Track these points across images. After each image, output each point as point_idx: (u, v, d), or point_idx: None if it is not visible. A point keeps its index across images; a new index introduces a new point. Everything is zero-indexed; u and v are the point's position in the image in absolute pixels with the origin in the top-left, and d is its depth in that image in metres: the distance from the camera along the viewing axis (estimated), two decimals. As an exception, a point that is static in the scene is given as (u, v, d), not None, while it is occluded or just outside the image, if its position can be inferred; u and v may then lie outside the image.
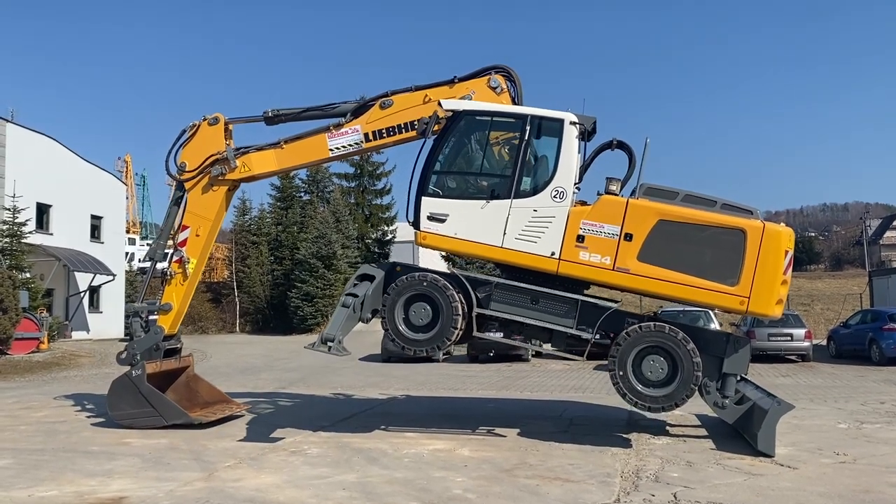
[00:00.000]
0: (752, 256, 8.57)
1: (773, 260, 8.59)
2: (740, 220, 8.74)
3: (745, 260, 8.59)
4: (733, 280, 8.64)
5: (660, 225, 8.80)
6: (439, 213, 9.35)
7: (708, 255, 8.85)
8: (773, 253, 8.59)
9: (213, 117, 10.87)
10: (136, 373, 10.27)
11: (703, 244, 8.86)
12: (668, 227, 8.81)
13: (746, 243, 8.60)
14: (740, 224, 8.70)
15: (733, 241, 8.66)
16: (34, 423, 10.94)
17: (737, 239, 8.65)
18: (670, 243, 8.82)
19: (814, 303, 40.71)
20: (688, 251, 8.85)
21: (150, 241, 75.16)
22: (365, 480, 7.30)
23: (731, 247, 8.67)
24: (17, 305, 22.51)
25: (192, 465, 8.06)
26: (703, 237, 8.85)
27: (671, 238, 8.82)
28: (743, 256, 8.60)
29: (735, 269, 8.63)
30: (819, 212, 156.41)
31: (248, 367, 22.28)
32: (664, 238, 8.80)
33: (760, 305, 8.66)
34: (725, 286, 8.66)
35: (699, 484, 7.14)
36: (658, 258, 8.78)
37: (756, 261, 8.55)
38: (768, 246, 8.57)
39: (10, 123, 30.71)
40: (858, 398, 13.59)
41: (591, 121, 9.63)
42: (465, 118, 9.51)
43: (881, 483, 7.12)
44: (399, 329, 9.33)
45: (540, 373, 19.78)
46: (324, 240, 40.98)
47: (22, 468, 7.91)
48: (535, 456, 8.44)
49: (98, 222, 36.79)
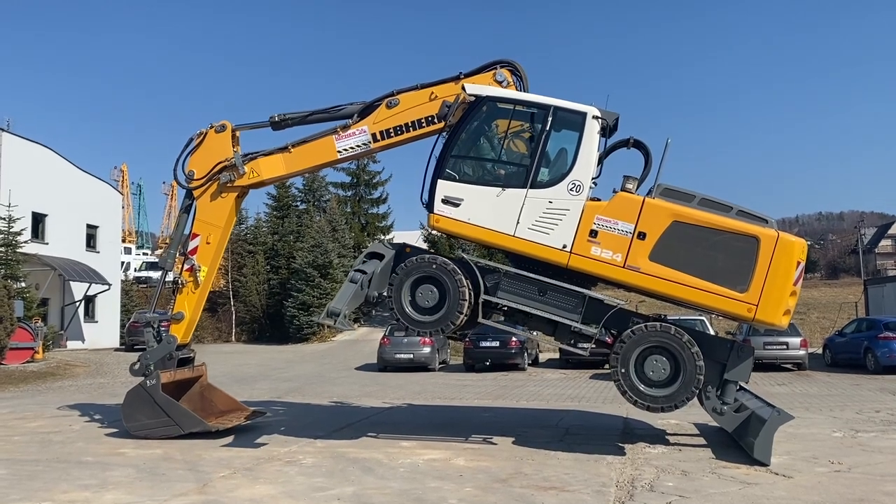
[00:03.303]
0: (764, 265, 8.58)
1: (784, 270, 8.60)
2: (755, 228, 8.74)
3: (756, 267, 8.60)
4: (743, 287, 8.64)
5: (674, 226, 8.82)
6: (454, 197, 9.35)
7: (720, 259, 8.85)
8: (784, 263, 8.60)
9: (220, 125, 10.88)
10: (150, 383, 10.21)
11: (716, 248, 8.87)
12: (682, 229, 8.82)
13: (759, 251, 8.61)
14: (754, 231, 8.70)
15: (746, 248, 8.68)
16: (28, 434, 10.89)
17: (750, 246, 8.66)
18: (683, 245, 8.82)
19: (809, 311, 40.77)
20: (700, 254, 8.86)
21: (146, 250, 75.22)
22: (360, 491, 7.28)
23: (743, 253, 8.69)
24: (12, 315, 22.46)
25: (187, 475, 8.03)
26: (716, 241, 8.85)
27: (684, 240, 8.83)
28: (755, 264, 8.60)
29: (746, 276, 8.64)
30: (814, 220, 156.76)
31: (243, 376, 22.24)
32: (677, 239, 8.81)
33: (768, 314, 8.66)
34: (735, 292, 8.67)
35: (694, 493, 7.14)
36: (669, 259, 8.79)
37: (767, 269, 8.56)
38: (780, 255, 8.59)
39: (6, 133, 30.70)
40: (854, 407, 13.62)
41: (614, 117, 9.59)
42: (488, 104, 9.49)
43: (876, 492, 7.12)
44: (405, 310, 9.34)
45: (536, 382, 19.78)
46: (320, 249, 40.94)
47: (16, 479, 7.86)
48: (530, 465, 8.44)
49: (94, 232, 36.79)
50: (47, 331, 28.08)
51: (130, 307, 39.82)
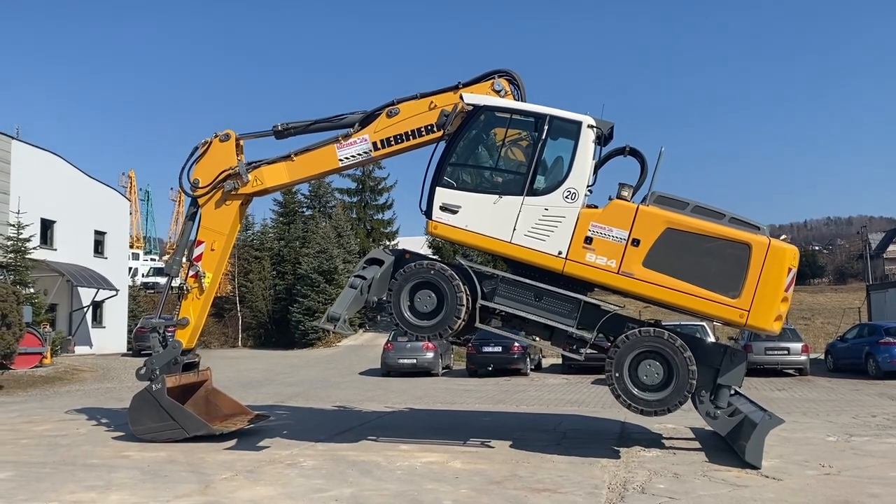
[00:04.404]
0: (756, 271, 8.74)
1: (775, 276, 8.76)
2: (746, 235, 8.90)
3: (748, 274, 8.76)
4: (735, 293, 8.80)
5: (667, 233, 8.98)
6: (452, 205, 9.54)
7: (712, 266, 8.99)
8: (776, 269, 8.76)
9: (225, 134, 11.08)
10: (156, 387, 10.41)
11: (709, 255, 9.02)
12: (676, 236, 8.98)
13: (751, 258, 8.77)
14: (746, 238, 8.86)
15: (738, 255, 8.83)
16: (36, 437, 11.11)
17: (742, 253, 8.82)
18: (676, 252, 8.98)
19: (814, 316, 40.81)
20: (693, 261, 9.00)
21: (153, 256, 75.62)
22: (358, 493, 7.45)
23: (735, 260, 8.85)
24: (21, 320, 22.68)
25: (190, 477, 8.23)
26: (708, 248, 9.00)
27: (677, 246, 8.99)
28: (746, 270, 8.77)
29: (738, 282, 8.80)
30: (823, 225, 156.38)
31: (248, 381, 22.43)
32: (670, 246, 8.97)
33: (759, 320, 8.83)
34: (727, 298, 8.83)
35: (684, 495, 7.29)
36: (663, 265, 8.96)
37: (759, 276, 8.73)
38: (772, 262, 8.75)
39: (15, 140, 31.04)
40: (851, 411, 13.72)
41: (609, 126, 9.79)
42: (486, 113, 9.69)
43: (861, 494, 7.26)
44: (404, 314, 9.53)
45: (538, 387, 19.91)
46: (325, 255, 41.21)
47: (24, 480, 8.08)
48: (525, 468, 8.60)
49: (101, 238, 37.10)
50: (55, 336, 28.40)
51: (138, 313, 40.10)
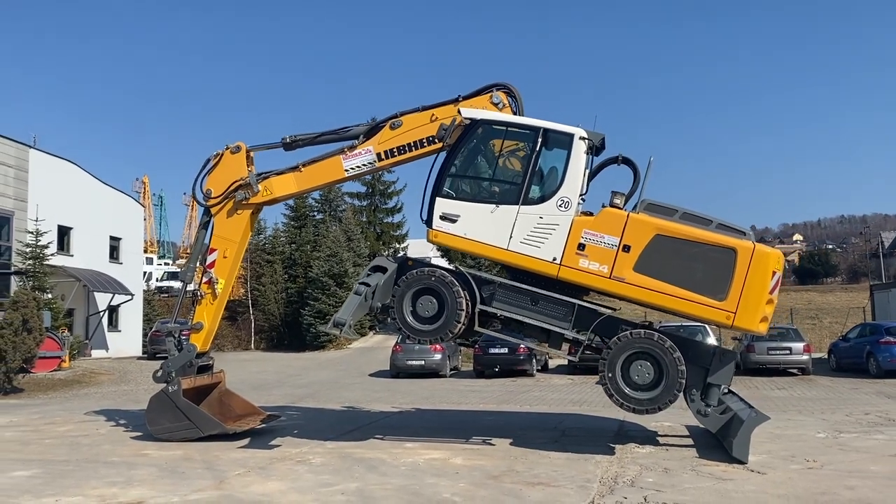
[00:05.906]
0: (741, 275, 9.14)
1: (760, 279, 9.16)
2: (732, 240, 9.31)
3: (734, 277, 9.16)
4: (722, 296, 9.21)
5: (656, 239, 9.39)
6: (451, 214, 9.99)
7: (699, 270, 9.38)
8: (760, 273, 9.16)
9: (236, 146, 11.56)
10: (172, 389, 10.88)
11: (696, 260, 9.41)
12: (664, 242, 9.38)
13: (736, 262, 9.17)
14: (732, 243, 9.27)
15: (724, 259, 9.23)
16: (58, 437, 11.60)
17: (727, 257, 9.22)
18: (665, 257, 9.38)
19: (822, 316, 40.96)
20: (681, 265, 9.39)
21: (167, 260, 76.48)
22: (363, 487, 7.90)
23: (721, 264, 9.24)
24: (41, 325, 23.29)
25: (205, 473, 8.70)
26: (696, 253, 9.39)
27: (666, 252, 9.38)
28: (732, 274, 9.17)
29: (724, 286, 9.20)
30: (837, 223, 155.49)
31: (260, 383, 22.95)
32: (660, 251, 9.38)
33: (745, 321, 9.25)
34: (714, 301, 9.24)
35: (670, 488, 7.69)
36: (653, 270, 9.36)
37: (744, 279, 9.13)
38: (757, 266, 9.15)
39: (33, 149, 31.72)
40: (846, 409, 14.02)
41: (600, 137, 10.19)
42: (482, 126, 10.13)
43: (839, 486, 7.64)
44: (406, 319, 10.00)
45: (543, 387, 20.31)
46: (336, 258, 41.75)
47: (50, 477, 8.56)
48: (522, 464, 9.02)
49: (117, 243, 37.80)
50: (73, 340, 29.06)
51: (152, 317, 40.81)
